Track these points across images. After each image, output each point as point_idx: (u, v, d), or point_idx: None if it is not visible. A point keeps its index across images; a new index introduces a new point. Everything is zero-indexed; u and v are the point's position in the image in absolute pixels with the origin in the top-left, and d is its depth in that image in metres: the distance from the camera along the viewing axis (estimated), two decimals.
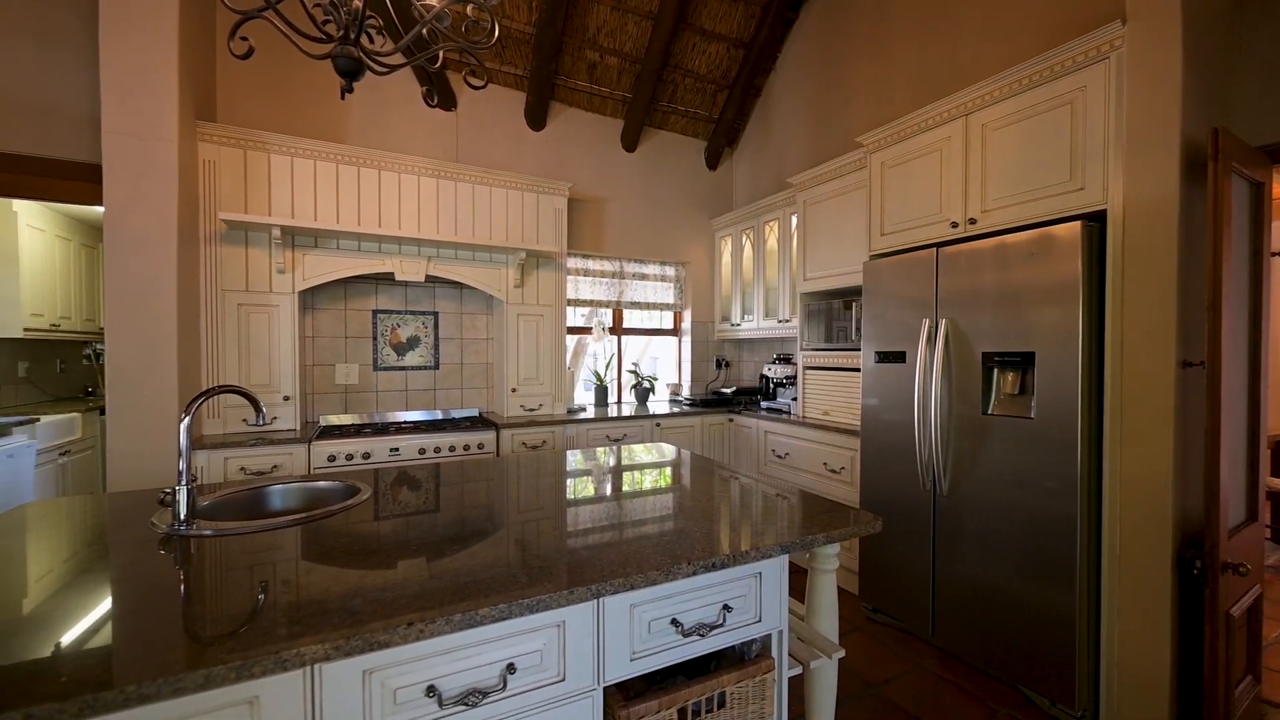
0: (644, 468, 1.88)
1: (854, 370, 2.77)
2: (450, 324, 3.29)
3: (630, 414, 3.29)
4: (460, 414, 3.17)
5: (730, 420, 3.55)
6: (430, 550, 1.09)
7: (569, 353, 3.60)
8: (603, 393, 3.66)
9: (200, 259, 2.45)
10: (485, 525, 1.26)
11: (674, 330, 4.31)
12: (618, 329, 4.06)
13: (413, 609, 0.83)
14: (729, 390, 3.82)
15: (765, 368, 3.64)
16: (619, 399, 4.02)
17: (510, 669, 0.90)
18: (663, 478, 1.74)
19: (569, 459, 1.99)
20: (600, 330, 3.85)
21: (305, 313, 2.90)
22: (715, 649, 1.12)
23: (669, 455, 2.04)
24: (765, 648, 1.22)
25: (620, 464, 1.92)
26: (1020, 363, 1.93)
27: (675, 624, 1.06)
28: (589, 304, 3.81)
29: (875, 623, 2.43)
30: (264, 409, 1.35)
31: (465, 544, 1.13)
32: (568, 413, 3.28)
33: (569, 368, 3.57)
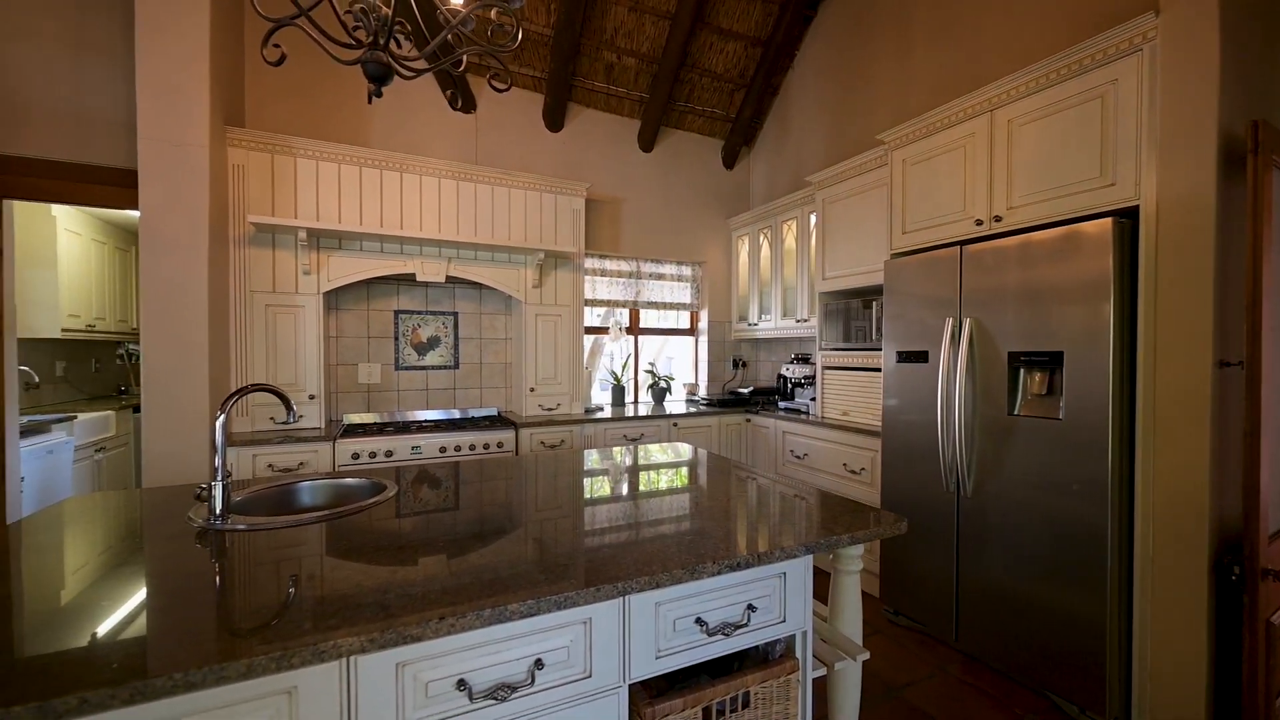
0: (663, 467, 1.88)
1: (874, 370, 2.74)
2: (470, 324, 3.33)
3: (647, 414, 3.30)
4: (479, 413, 3.21)
5: (748, 420, 3.54)
6: (455, 547, 1.11)
7: (586, 352, 3.62)
8: (619, 392, 3.67)
9: (230, 261, 2.52)
10: (508, 523, 1.27)
11: (690, 330, 4.30)
12: (634, 329, 4.07)
13: (442, 603, 0.85)
14: (746, 390, 3.80)
15: (783, 368, 3.62)
16: (635, 399, 4.03)
17: (538, 664, 0.91)
18: (682, 477, 1.74)
19: (588, 458, 2.01)
20: (617, 330, 3.86)
21: (329, 313, 2.96)
22: (739, 649, 1.12)
23: (688, 455, 2.04)
24: (789, 648, 1.21)
25: (639, 463, 1.93)
26: (1048, 363, 1.89)
27: (700, 623, 1.06)
28: (606, 304, 3.82)
29: (897, 625, 2.41)
30: (295, 407, 1.38)
31: (490, 541, 1.14)
32: (585, 412, 3.29)
33: (586, 367, 3.58)
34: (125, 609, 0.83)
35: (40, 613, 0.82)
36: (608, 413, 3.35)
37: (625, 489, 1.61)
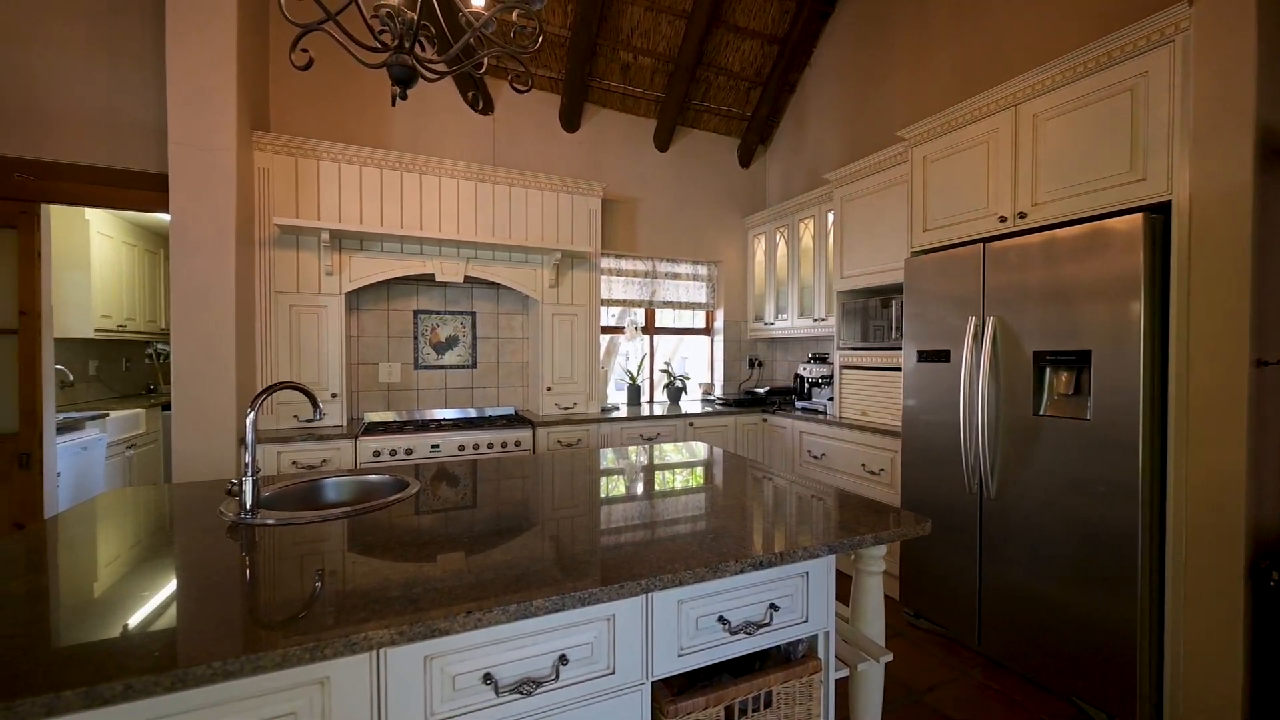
0: (681, 466, 1.88)
1: (893, 370, 2.70)
2: (487, 324, 3.36)
3: (663, 413, 3.30)
4: (497, 412, 3.24)
5: (764, 420, 3.52)
6: (478, 543, 1.12)
7: (602, 352, 3.63)
8: (635, 392, 3.68)
9: (255, 262, 2.57)
10: (529, 520, 1.28)
11: (706, 329, 4.29)
12: (650, 328, 4.07)
13: (468, 598, 0.86)
14: (762, 390, 3.78)
15: (800, 367, 3.60)
16: (651, 398, 4.03)
17: (562, 660, 0.92)
18: (699, 476, 1.73)
19: (605, 457, 2.01)
20: (633, 330, 3.86)
21: (351, 313, 3.01)
22: (761, 648, 1.11)
23: (704, 454, 2.04)
24: (811, 649, 1.20)
25: (656, 462, 1.93)
26: (1075, 362, 1.85)
27: (722, 621, 1.06)
28: (622, 304, 3.83)
29: (917, 628, 2.37)
30: (320, 405, 1.40)
31: (511, 538, 1.15)
32: (601, 412, 3.30)
33: (602, 367, 3.59)
34: (161, 600, 0.85)
35: (80, 603, 0.85)
36: (623, 412, 3.35)
37: (643, 488, 1.61)
